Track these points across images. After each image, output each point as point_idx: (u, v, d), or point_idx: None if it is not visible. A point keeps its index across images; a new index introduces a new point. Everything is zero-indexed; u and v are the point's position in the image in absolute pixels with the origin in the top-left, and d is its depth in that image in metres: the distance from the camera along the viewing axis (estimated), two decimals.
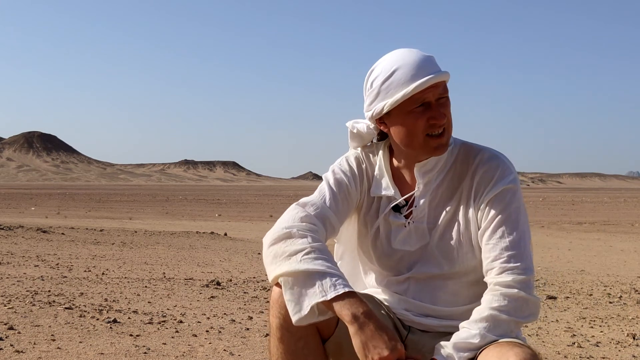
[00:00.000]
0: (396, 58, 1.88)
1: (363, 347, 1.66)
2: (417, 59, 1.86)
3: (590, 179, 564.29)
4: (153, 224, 19.63)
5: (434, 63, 1.87)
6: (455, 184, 1.93)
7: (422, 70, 1.84)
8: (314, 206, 1.89)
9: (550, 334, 4.72)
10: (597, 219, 27.70)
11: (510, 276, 1.78)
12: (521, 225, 1.84)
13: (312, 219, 1.85)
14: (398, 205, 1.95)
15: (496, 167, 1.88)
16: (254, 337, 4.27)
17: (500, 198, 1.85)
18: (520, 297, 1.77)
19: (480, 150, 1.93)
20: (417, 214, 1.93)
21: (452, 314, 1.92)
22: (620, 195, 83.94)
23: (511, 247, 1.81)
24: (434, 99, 1.86)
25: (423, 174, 1.93)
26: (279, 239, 1.81)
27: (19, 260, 7.92)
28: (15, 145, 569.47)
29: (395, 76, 1.86)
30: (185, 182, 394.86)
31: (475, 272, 1.90)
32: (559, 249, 13.04)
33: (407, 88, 1.83)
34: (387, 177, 1.99)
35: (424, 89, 1.84)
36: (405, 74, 1.85)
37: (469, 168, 1.91)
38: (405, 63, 1.86)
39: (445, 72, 1.86)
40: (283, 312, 1.79)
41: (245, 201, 49.09)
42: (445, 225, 1.91)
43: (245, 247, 11.55)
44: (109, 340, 3.93)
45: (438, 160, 1.93)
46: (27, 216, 22.59)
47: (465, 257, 1.89)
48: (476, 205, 1.88)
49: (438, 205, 1.93)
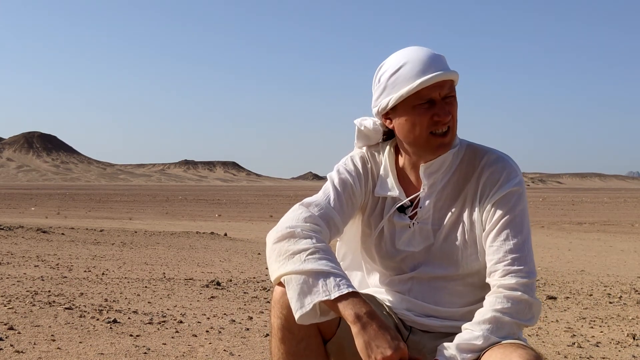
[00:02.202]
0: (405, 54, 1.88)
1: (366, 347, 1.66)
2: (426, 55, 1.86)
3: (590, 179, 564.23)
4: (153, 224, 19.63)
5: (443, 61, 1.87)
6: (460, 185, 1.92)
7: (430, 67, 1.84)
8: (318, 206, 1.88)
9: (550, 334, 4.71)
10: (597, 219, 27.70)
11: (514, 279, 1.78)
12: (525, 229, 1.85)
13: (315, 220, 1.84)
14: (403, 206, 1.95)
15: (502, 169, 1.88)
16: (254, 337, 4.26)
17: (505, 200, 1.84)
18: (523, 300, 1.77)
19: (487, 152, 1.93)
20: (422, 215, 1.93)
21: (454, 314, 1.91)
22: (620, 196, 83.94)
23: (515, 249, 1.81)
24: (440, 97, 1.85)
25: (428, 175, 1.93)
26: (282, 238, 1.80)
27: (19, 260, 7.92)
28: (15, 145, 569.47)
29: (402, 71, 1.86)
30: (185, 182, 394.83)
31: (479, 275, 1.90)
32: (559, 249, 13.04)
33: (413, 83, 1.83)
34: (392, 178, 1.98)
35: (430, 86, 1.83)
36: (412, 69, 1.85)
37: (474, 170, 1.91)
38: (413, 59, 1.86)
39: (453, 72, 1.86)
40: (285, 312, 1.78)
41: (245, 201, 49.09)
42: (450, 227, 1.91)
43: (245, 248, 11.55)
44: (109, 341, 3.93)
45: (443, 162, 1.92)
46: (27, 216, 22.60)
47: (469, 259, 1.89)
48: (481, 207, 1.87)
49: (443, 206, 1.92)
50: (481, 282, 1.90)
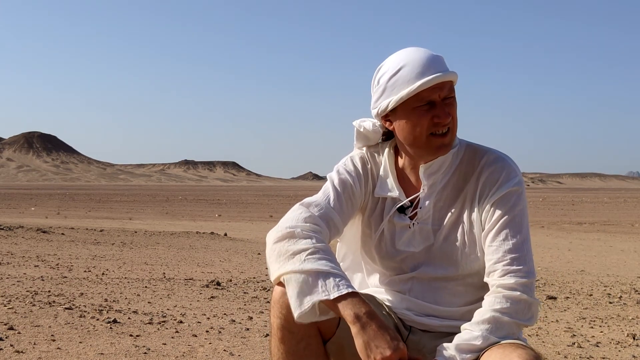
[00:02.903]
0: (404, 56, 1.88)
1: (365, 347, 1.66)
2: (424, 57, 1.86)
3: (590, 179, 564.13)
4: (153, 224, 19.63)
5: (442, 63, 1.86)
6: (460, 185, 1.92)
7: (429, 68, 1.84)
8: (318, 207, 1.88)
9: (550, 334, 4.71)
10: (597, 219, 27.70)
11: (513, 279, 1.78)
12: (525, 229, 1.85)
13: (315, 220, 1.84)
14: (403, 207, 1.95)
15: (501, 169, 1.88)
16: (254, 337, 4.26)
17: (505, 200, 1.85)
18: (522, 300, 1.77)
19: (486, 152, 1.93)
20: (422, 216, 1.93)
21: (454, 314, 1.91)
22: (620, 196, 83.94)
23: (514, 249, 1.81)
24: (439, 99, 1.85)
25: (428, 176, 1.93)
26: (282, 238, 1.80)
27: (19, 260, 7.92)
28: (15, 145, 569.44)
29: (402, 73, 1.85)
30: (185, 182, 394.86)
31: (479, 275, 1.90)
32: (559, 249, 13.04)
33: (413, 85, 1.83)
34: (391, 178, 1.98)
35: (430, 88, 1.83)
36: (412, 71, 1.84)
37: (474, 170, 1.91)
38: (413, 60, 1.86)
39: (452, 72, 1.86)
40: (284, 312, 1.79)
41: (245, 201, 49.09)
42: (450, 227, 1.91)
43: (245, 248, 11.55)
44: (109, 341, 3.93)
45: (443, 162, 1.92)
46: (27, 216, 22.60)
47: (469, 259, 1.89)
48: (481, 207, 1.87)
49: (443, 206, 1.93)
50: (481, 282, 1.89)
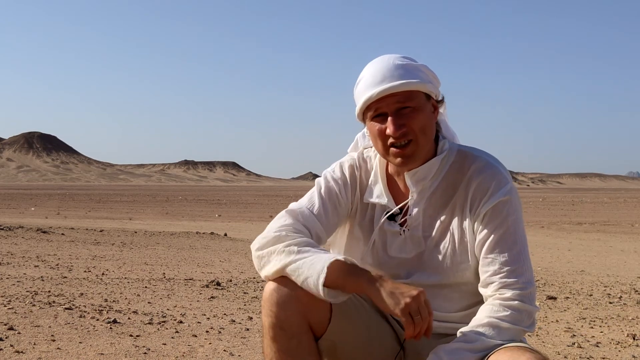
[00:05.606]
0: (368, 66, 1.90)
1: (391, 297, 1.67)
2: (380, 67, 1.85)
3: (590, 179, 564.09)
4: (153, 224, 19.63)
5: (399, 72, 1.83)
6: (449, 192, 1.90)
7: (380, 80, 1.83)
8: (302, 214, 1.89)
9: (550, 334, 4.71)
10: (597, 219, 27.69)
11: (510, 291, 1.77)
12: (520, 238, 1.82)
13: (300, 227, 1.86)
14: (393, 214, 1.94)
15: (491, 177, 1.85)
16: (254, 337, 4.27)
17: (497, 211, 1.82)
18: (521, 308, 1.76)
19: (476, 158, 1.90)
20: (412, 222, 1.92)
21: (452, 317, 1.91)
22: (620, 196, 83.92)
23: (511, 261, 1.79)
24: (391, 110, 1.84)
25: (416, 182, 1.91)
26: (268, 244, 1.82)
27: (19, 260, 7.92)
28: (15, 145, 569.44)
29: (360, 85, 1.89)
30: (185, 183, 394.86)
31: (473, 283, 1.88)
32: (559, 249, 13.04)
33: (363, 98, 1.85)
34: (380, 184, 1.97)
35: (379, 100, 1.83)
36: (365, 82, 1.87)
37: (463, 177, 1.89)
38: (368, 72, 1.88)
39: (404, 83, 1.81)
40: (275, 310, 1.78)
41: (245, 201, 49.08)
42: (440, 235, 1.90)
43: (245, 248, 11.54)
44: (109, 341, 3.93)
45: (431, 168, 1.90)
46: (27, 216, 22.59)
47: (460, 267, 1.87)
48: (472, 217, 1.85)
49: (433, 213, 1.91)
50: (475, 289, 1.88)
